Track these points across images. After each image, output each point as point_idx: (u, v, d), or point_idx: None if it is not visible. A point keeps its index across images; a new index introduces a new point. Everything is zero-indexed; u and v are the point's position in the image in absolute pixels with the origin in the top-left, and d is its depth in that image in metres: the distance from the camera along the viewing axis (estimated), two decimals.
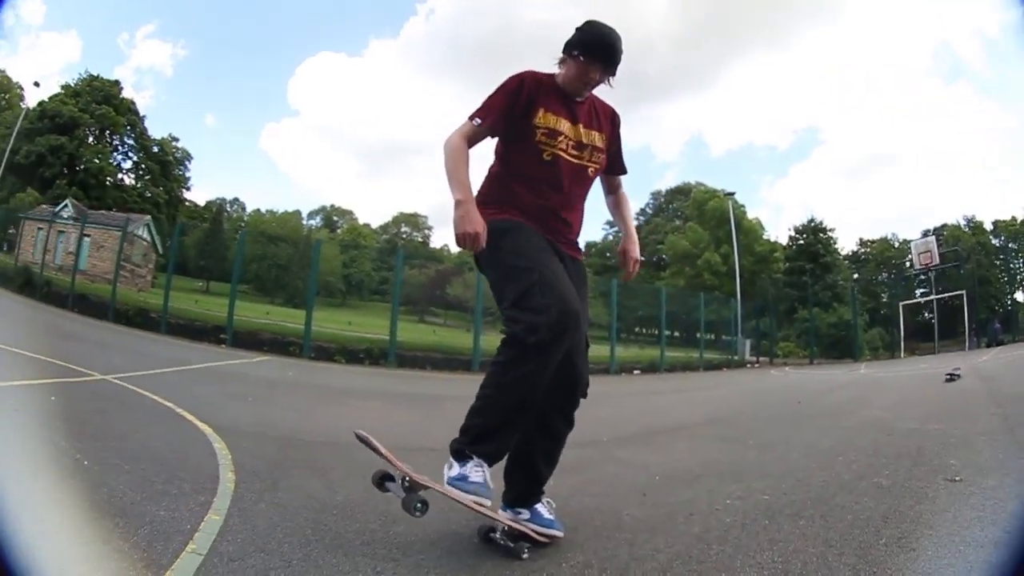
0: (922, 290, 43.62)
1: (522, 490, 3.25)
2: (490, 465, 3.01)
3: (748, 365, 27.49)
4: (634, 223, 3.83)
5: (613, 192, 3.74)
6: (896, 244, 57.00)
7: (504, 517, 3.17)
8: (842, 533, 3.23)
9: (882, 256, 57.80)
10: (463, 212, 2.96)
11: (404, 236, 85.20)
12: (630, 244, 3.63)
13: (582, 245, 3.57)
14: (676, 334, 32.67)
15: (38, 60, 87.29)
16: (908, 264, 43.75)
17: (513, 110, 3.18)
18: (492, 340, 25.26)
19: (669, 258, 59.25)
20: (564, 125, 3.19)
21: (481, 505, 2.91)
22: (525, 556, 3.01)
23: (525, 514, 3.20)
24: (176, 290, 24.26)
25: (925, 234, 41.61)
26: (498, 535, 3.15)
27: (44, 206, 39.66)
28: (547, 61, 3.28)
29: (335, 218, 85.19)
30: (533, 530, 3.13)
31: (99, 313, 21.18)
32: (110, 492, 3.77)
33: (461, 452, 3.00)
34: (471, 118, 3.19)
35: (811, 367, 25.52)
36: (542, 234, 3.19)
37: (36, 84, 51.65)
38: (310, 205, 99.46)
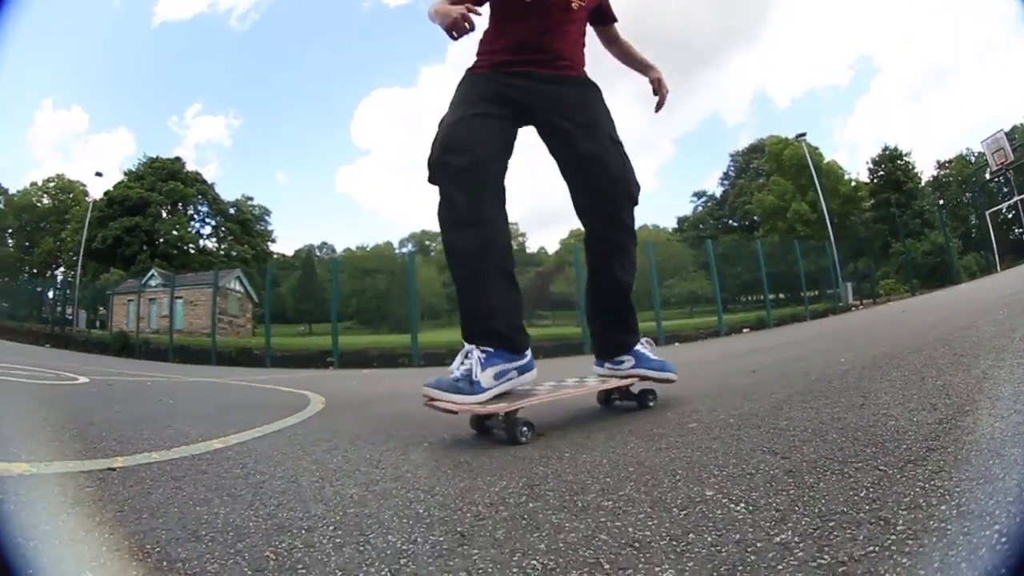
0: (1008, 203, 41.23)
1: (610, 335, 3.06)
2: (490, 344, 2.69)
3: (852, 308, 26.44)
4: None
5: (613, 42, 3.51)
6: (972, 159, 53.93)
7: (605, 372, 2.99)
8: (972, 346, 3.10)
9: (961, 174, 54.80)
10: (441, 12, 2.75)
11: None
12: (660, 75, 3.47)
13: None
14: (780, 296, 31.72)
15: (94, 161, 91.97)
16: (988, 175, 41.36)
17: None
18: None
19: (759, 217, 57.71)
20: None
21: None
22: (652, 404, 2.86)
23: (629, 360, 2.97)
24: (278, 335, 24.63)
25: None
26: (615, 397, 3.00)
27: (131, 280, 40.39)
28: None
29: (427, 242, 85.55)
30: (643, 375, 2.92)
31: (201, 359, 21.50)
32: (193, 413, 3.88)
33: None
34: None
35: (914, 298, 24.54)
36: (509, 67, 2.97)
37: (98, 174, 53.25)
38: (400, 234, 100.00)
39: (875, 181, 50.61)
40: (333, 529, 1.44)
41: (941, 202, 49.55)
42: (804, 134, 44.63)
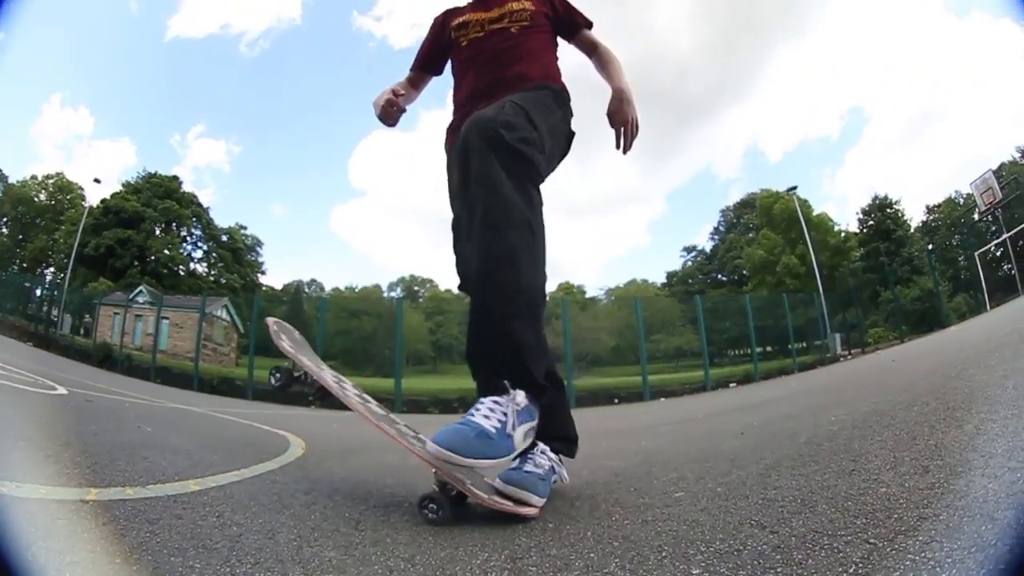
0: (996, 241, 41.17)
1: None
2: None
3: (841, 359, 26.54)
4: (625, 78, 3.08)
5: (591, 52, 3.21)
6: (960, 201, 54.00)
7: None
8: (964, 399, 3.16)
9: (950, 217, 54.74)
10: (375, 103, 2.99)
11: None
12: (615, 104, 2.96)
13: None
14: (768, 349, 31.81)
15: (94, 166, 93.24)
16: (976, 216, 41.42)
17: (435, 41, 3.20)
18: (584, 381, 25.31)
19: (749, 271, 58.07)
20: (473, 15, 3.01)
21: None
22: None
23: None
24: (261, 368, 23.80)
25: None
26: None
27: (118, 293, 40.40)
28: (597, 100, 3.06)
29: (415, 288, 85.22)
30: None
31: (183, 383, 21.31)
32: (170, 445, 3.70)
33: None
34: None
35: (903, 345, 24.68)
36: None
37: (97, 180, 53.72)
38: (389, 278, 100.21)
39: (864, 231, 51.01)
40: None
41: (930, 247, 49.72)
42: (795, 187, 45.46)
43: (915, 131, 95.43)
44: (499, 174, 2.28)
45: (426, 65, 3.26)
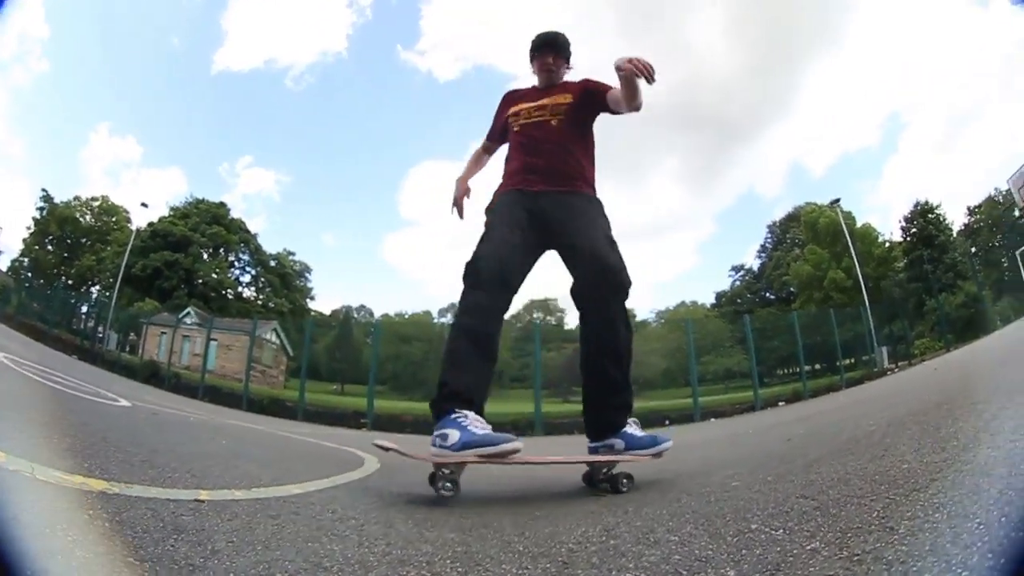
0: None
1: (604, 419, 3.35)
2: (472, 409, 2.92)
3: (888, 372, 26.16)
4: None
5: (620, 103, 3.41)
6: (1000, 198, 52.04)
7: (601, 456, 3.18)
8: (987, 393, 3.57)
9: (992, 216, 52.73)
10: (455, 188, 3.91)
11: (538, 321, 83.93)
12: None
13: None
14: (817, 367, 31.44)
15: (143, 192, 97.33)
16: (1016, 213, 40.04)
17: (500, 118, 3.88)
18: (636, 404, 24.99)
19: (796, 288, 57.25)
20: (526, 105, 3.68)
21: (514, 451, 2.80)
22: (625, 490, 2.85)
23: (619, 443, 3.22)
24: (310, 391, 24.10)
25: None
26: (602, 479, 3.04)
27: (166, 314, 40.77)
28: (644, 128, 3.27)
29: None
30: (637, 455, 3.18)
31: (231, 403, 21.52)
32: (253, 456, 3.95)
33: (440, 411, 2.95)
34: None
35: (949, 354, 24.34)
36: (521, 185, 3.52)
37: (144, 205, 52.89)
38: (439, 305, 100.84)
39: (908, 239, 49.52)
40: (451, 561, 1.65)
41: (973, 250, 48.29)
42: (838, 200, 44.42)
43: (952, 132, 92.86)
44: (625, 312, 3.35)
45: (496, 137, 3.92)
